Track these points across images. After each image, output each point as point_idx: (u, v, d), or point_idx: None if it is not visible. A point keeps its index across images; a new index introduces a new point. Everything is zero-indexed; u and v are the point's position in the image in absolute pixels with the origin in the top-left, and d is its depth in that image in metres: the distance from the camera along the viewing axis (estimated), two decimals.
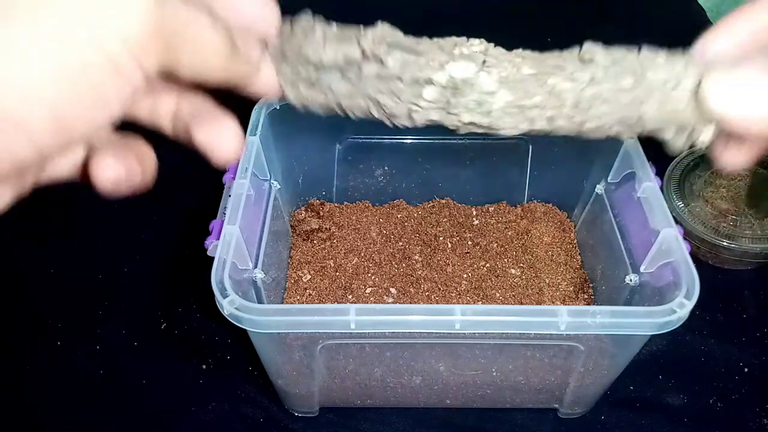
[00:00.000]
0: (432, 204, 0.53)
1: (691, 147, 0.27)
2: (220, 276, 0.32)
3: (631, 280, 0.38)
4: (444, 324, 0.31)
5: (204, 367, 0.46)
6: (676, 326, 0.30)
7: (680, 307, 0.30)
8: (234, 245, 0.34)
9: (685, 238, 0.34)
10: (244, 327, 0.31)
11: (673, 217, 0.35)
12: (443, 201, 0.53)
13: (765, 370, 0.45)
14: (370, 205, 0.52)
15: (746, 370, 0.45)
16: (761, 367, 0.45)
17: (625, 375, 0.38)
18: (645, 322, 0.30)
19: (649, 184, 0.38)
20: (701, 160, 0.56)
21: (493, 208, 0.52)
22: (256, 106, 0.42)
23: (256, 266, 0.38)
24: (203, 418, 0.43)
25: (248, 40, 0.27)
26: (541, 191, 0.52)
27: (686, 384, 0.45)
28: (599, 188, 0.45)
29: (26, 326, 0.48)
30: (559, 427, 0.43)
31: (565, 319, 0.30)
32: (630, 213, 0.40)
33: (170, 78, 0.23)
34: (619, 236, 0.41)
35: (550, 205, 0.52)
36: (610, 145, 0.42)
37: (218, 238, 0.34)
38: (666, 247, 0.34)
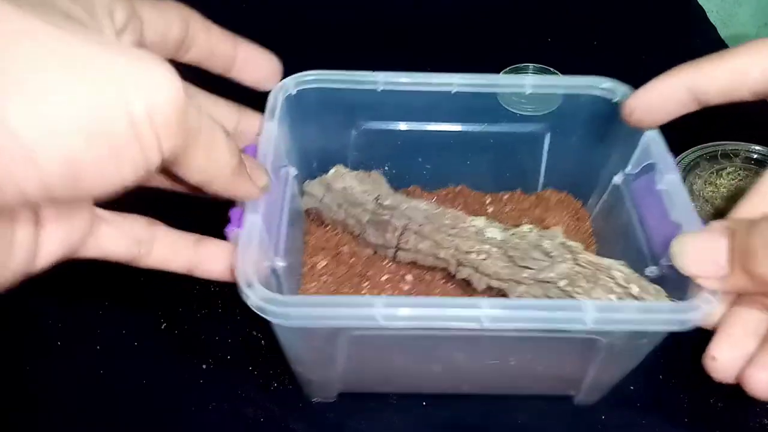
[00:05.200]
0: (446, 191, 0.52)
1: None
2: (244, 267, 0.32)
3: (652, 272, 0.38)
4: (470, 318, 0.31)
5: (204, 367, 0.46)
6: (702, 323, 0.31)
7: (706, 303, 0.31)
8: (258, 234, 0.34)
9: None
10: (269, 319, 0.31)
11: None
12: (457, 188, 0.52)
13: None
14: None
15: None
16: None
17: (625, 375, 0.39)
18: (672, 318, 0.30)
19: (671, 176, 0.38)
20: (701, 160, 0.56)
21: (507, 196, 0.52)
22: (272, 91, 0.42)
23: (276, 254, 0.38)
24: (203, 418, 0.43)
25: (257, 167, 0.32)
26: (556, 179, 0.52)
27: (686, 384, 0.45)
28: (617, 178, 0.45)
29: (26, 326, 0.48)
30: (560, 428, 0.43)
31: (592, 314, 0.30)
32: (649, 205, 0.40)
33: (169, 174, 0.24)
34: (639, 228, 0.41)
35: (565, 193, 0.52)
36: (629, 134, 0.42)
37: (239, 226, 0.34)
38: None
